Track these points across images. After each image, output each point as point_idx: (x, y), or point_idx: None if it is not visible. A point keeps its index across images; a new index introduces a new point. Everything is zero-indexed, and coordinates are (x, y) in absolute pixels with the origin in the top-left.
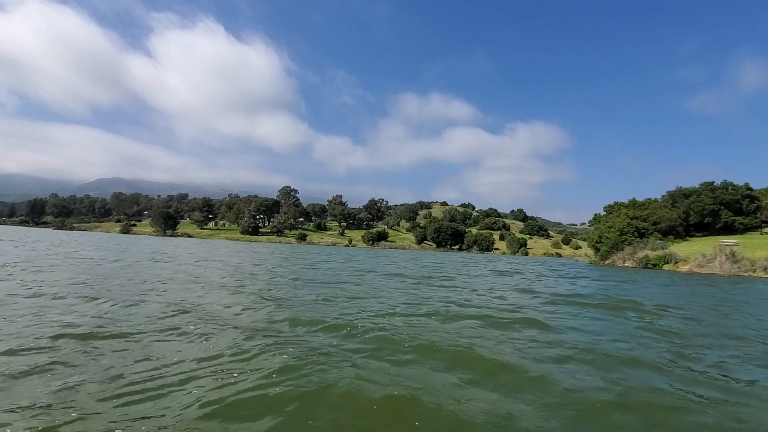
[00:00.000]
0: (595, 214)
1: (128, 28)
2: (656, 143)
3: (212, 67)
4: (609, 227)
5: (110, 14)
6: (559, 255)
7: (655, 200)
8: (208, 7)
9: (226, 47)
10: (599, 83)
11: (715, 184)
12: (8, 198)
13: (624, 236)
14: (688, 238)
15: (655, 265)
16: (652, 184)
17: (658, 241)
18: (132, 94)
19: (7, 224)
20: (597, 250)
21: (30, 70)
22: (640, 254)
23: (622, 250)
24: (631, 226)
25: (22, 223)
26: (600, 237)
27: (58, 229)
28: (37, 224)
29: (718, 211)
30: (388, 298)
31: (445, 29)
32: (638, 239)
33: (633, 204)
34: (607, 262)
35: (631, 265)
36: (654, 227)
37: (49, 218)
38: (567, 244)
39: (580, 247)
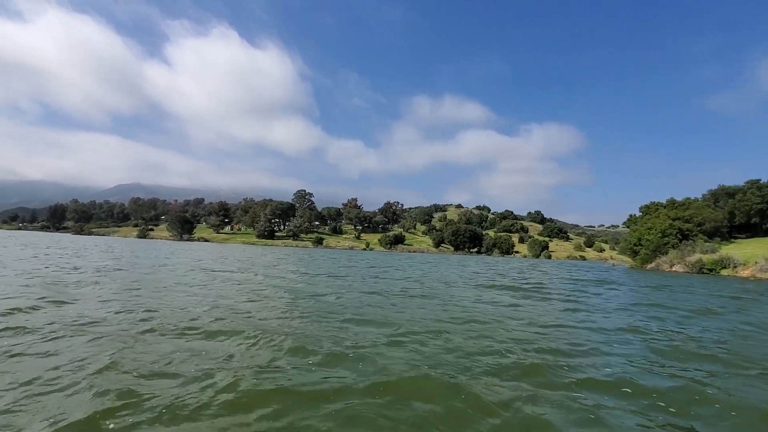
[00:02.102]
0: (630, 215)
1: (146, 35)
2: (673, 144)
3: (226, 72)
4: (649, 229)
5: (129, 22)
6: (583, 258)
7: (696, 200)
8: (222, 13)
9: (240, 52)
10: (613, 83)
11: (761, 181)
12: (30, 204)
13: (666, 238)
14: (732, 239)
15: (711, 270)
16: (670, 185)
17: (707, 244)
18: (149, 100)
19: (29, 229)
20: (635, 253)
21: (51, 79)
22: (693, 258)
23: (666, 253)
24: (673, 228)
25: (43, 228)
26: (639, 239)
27: (76, 234)
28: (57, 229)
29: (766, 211)
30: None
31: (457, 31)
32: (683, 242)
33: (672, 204)
34: (650, 266)
35: (681, 270)
36: (698, 228)
37: (70, 224)
38: (590, 246)
39: (603, 250)
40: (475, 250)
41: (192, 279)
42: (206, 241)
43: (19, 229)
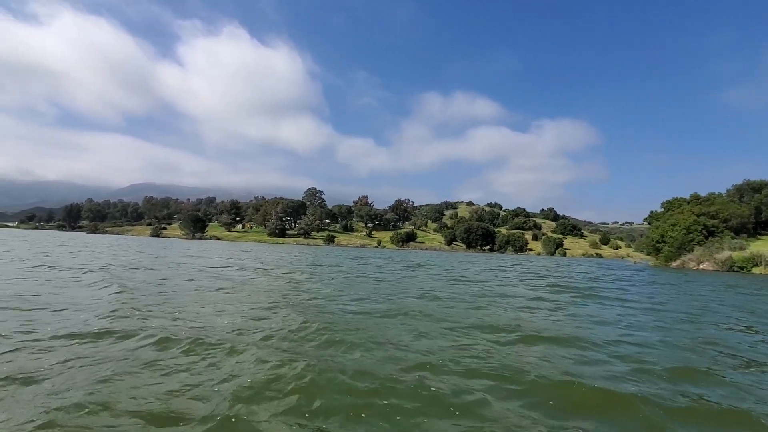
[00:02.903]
0: (651, 212)
1: (158, 36)
2: (692, 140)
3: (237, 71)
4: (672, 225)
5: (141, 23)
6: (599, 256)
7: (720, 195)
8: (232, 12)
9: (251, 51)
10: (627, 78)
11: None
12: (47, 204)
13: (691, 235)
14: (758, 236)
15: (741, 268)
16: (687, 181)
17: (735, 240)
18: (162, 101)
19: (45, 229)
20: (658, 250)
21: (67, 81)
22: (722, 255)
23: (691, 250)
24: (698, 224)
25: (59, 227)
26: (662, 236)
27: (91, 233)
28: (73, 228)
29: None
30: None
31: (467, 27)
32: (709, 238)
33: (696, 199)
34: (674, 264)
35: (710, 268)
36: (724, 225)
37: (85, 223)
38: (606, 244)
39: (620, 247)
40: (488, 247)
41: (256, 279)
42: (218, 239)
43: (36, 228)
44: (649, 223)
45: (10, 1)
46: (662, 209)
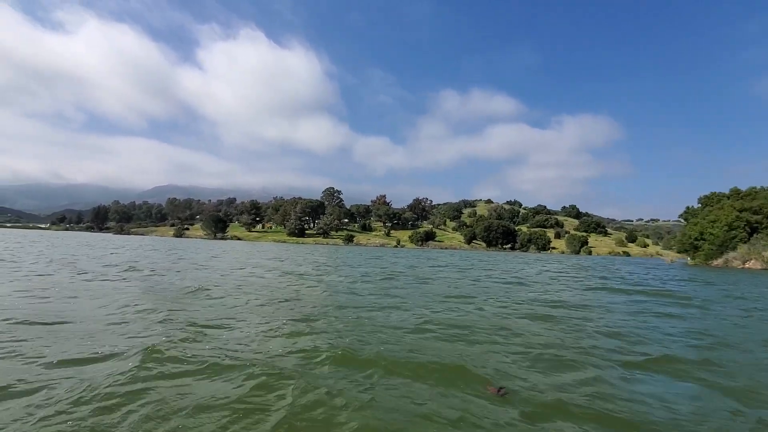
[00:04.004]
0: (688, 207)
1: (179, 41)
2: (721, 133)
3: (255, 73)
4: (712, 222)
5: (163, 29)
6: (626, 254)
7: (762, 189)
8: (249, 14)
9: (268, 53)
10: (651, 72)
11: None
12: (76, 206)
13: (734, 232)
14: None
15: None
16: (719, 176)
17: None
18: (183, 104)
19: (75, 230)
20: (695, 248)
21: (93, 87)
22: None
23: (734, 248)
24: (740, 220)
25: (88, 228)
26: (701, 233)
27: (117, 234)
28: (100, 230)
29: None
30: None
31: (486, 23)
32: (754, 235)
33: (736, 194)
34: (716, 262)
35: (758, 267)
36: None
37: (112, 224)
38: (632, 242)
39: (647, 245)
40: (509, 246)
41: (346, 284)
42: (239, 239)
43: (66, 229)
44: (686, 220)
45: (37, 10)
46: (699, 205)
